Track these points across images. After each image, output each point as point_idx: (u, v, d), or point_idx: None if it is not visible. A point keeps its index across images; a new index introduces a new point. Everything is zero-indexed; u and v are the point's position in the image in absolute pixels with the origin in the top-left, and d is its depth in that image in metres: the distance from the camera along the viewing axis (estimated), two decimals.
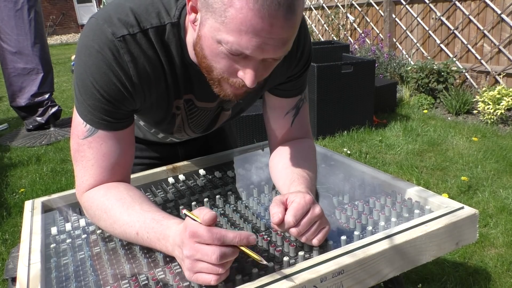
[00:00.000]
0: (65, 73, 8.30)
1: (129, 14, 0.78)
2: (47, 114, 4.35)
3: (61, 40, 15.83)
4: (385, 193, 0.96)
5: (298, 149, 1.00)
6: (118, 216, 0.79)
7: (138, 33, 0.78)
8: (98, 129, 0.83)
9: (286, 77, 0.98)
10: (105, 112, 0.81)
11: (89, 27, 0.79)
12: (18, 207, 2.76)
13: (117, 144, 0.85)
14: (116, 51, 0.77)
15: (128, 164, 0.90)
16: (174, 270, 0.74)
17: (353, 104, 3.64)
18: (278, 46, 0.69)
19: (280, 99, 1.02)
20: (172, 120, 0.97)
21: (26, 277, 0.73)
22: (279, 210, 0.74)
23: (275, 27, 0.66)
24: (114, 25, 0.77)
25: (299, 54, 0.94)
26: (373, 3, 5.63)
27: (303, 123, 1.06)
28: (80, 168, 0.86)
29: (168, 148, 1.26)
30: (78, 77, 0.81)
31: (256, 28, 0.65)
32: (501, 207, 2.38)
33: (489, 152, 3.14)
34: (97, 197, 0.83)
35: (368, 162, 3.14)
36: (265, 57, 0.71)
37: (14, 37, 4.05)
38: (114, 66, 0.78)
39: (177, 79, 0.87)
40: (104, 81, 0.78)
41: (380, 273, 0.73)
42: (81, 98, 0.81)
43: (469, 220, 0.82)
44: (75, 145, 0.85)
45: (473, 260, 1.98)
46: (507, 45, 4.04)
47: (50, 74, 4.35)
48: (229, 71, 0.75)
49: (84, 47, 0.79)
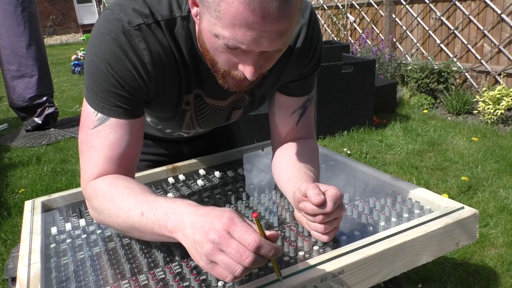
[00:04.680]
0: (65, 73, 8.30)
1: (143, 6, 0.79)
2: (43, 115, 4.34)
3: (61, 40, 15.84)
4: (385, 193, 0.96)
5: (303, 148, 1.00)
6: (124, 203, 0.75)
7: (152, 24, 0.79)
8: (109, 117, 0.82)
9: (297, 75, 0.97)
10: (119, 98, 0.81)
11: (105, 17, 0.80)
12: (18, 207, 2.76)
13: (126, 134, 0.84)
14: (131, 39, 0.78)
15: (134, 158, 0.88)
16: (174, 270, 0.74)
17: (353, 104, 3.64)
18: (274, 39, 0.68)
19: (288, 98, 1.01)
20: (181, 117, 0.96)
21: (26, 277, 0.73)
22: (320, 193, 0.73)
23: (268, 19, 0.64)
24: (129, 14, 0.78)
25: (311, 52, 0.94)
26: (373, 3, 5.63)
27: (308, 123, 1.05)
28: (85, 159, 0.84)
29: (174, 146, 1.25)
30: (91, 64, 0.80)
31: (248, 22, 0.64)
32: (501, 207, 2.37)
33: (489, 152, 3.14)
34: (103, 186, 0.81)
35: (368, 162, 3.14)
36: (262, 50, 0.70)
37: (9, 39, 4.04)
38: (130, 53, 0.78)
39: (188, 72, 0.87)
40: (119, 67, 0.78)
41: (380, 273, 0.73)
42: (94, 87, 0.81)
43: (469, 220, 0.82)
44: (83, 136, 0.84)
45: (473, 260, 1.98)
46: (507, 45, 4.04)
47: (46, 76, 4.33)
48: (229, 64, 0.75)
49: (99, 35, 0.79)
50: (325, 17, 6.80)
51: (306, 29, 0.91)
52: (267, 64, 0.77)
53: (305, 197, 0.76)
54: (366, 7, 5.86)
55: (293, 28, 0.71)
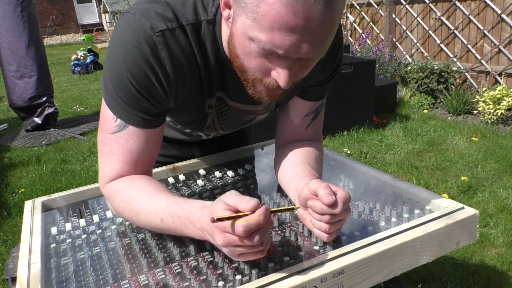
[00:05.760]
0: (65, 73, 8.30)
1: (167, 9, 0.76)
2: (43, 115, 4.35)
3: (61, 40, 15.85)
4: (385, 193, 0.96)
5: (309, 149, 0.99)
6: (142, 207, 0.79)
7: (176, 28, 0.76)
8: (129, 125, 0.81)
9: (317, 81, 0.95)
10: (140, 108, 0.80)
11: (126, 22, 0.77)
12: (18, 207, 2.76)
13: (145, 142, 0.84)
14: (154, 46, 0.75)
15: (151, 162, 0.90)
16: (174, 270, 0.74)
17: (353, 104, 3.64)
18: (315, 44, 0.65)
19: (304, 101, 0.99)
20: (204, 119, 0.95)
21: (26, 277, 0.73)
22: (332, 193, 0.72)
23: (311, 23, 0.61)
24: (152, 19, 0.75)
25: (334, 58, 0.92)
26: (373, 3, 5.63)
27: (317, 127, 1.04)
28: (104, 160, 0.86)
29: (185, 147, 1.24)
30: (113, 72, 0.78)
31: (289, 25, 0.61)
32: (501, 207, 2.38)
33: (489, 152, 3.14)
34: (120, 189, 0.84)
35: (368, 162, 3.14)
36: (300, 56, 0.67)
37: (8, 39, 4.05)
38: (152, 62, 0.76)
39: (211, 77, 0.84)
40: (141, 77, 0.77)
41: (380, 273, 0.73)
42: (114, 94, 0.80)
43: (469, 220, 0.82)
44: (103, 138, 0.85)
45: (473, 260, 1.98)
46: (507, 45, 4.04)
47: (46, 77, 4.33)
48: (262, 70, 0.71)
49: (120, 41, 0.76)
50: None
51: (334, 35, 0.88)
52: (302, 73, 0.73)
53: (314, 195, 0.74)
54: (366, 7, 5.86)
55: (333, 35, 0.67)
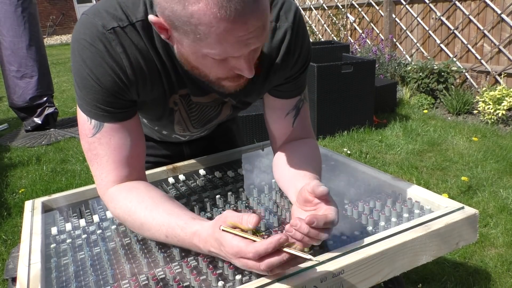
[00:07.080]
0: (65, 73, 8.30)
1: (117, 8, 0.79)
2: (43, 115, 4.34)
3: (61, 40, 15.83)
4: (385, 193, 0.96)
5: (303, 149, 1.00)
6: (143, 220, 0.80)
7: (128, 26, 0.78)
8: (104, 123, 0.83)
9: (284, 79, 0.97)
10: (107, 103, 0.81)
11: (80, 23, 0.80)
12: (18, 207, 2.76)
13: (127, 135, 0.85)
14: (107, 43, 0.77)
15: (141, 154, 0.91)
16: (174, 270, 0.74)
17: (353, 104, 3.64)
18: (259, 34, 0.69)
19: (280, 100, 1.01)
20: (170, 115, 0.96)
21: (26, 277, 0.73)
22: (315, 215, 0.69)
23: (250, 23, 0.66)
24: (103, 18, 0.78)
25: (296, 56, 0.93)
26: (373, 3, 5.63)
27: (304, 124, 1.05)
28: (96, 167, 0.86)
29: (174, 147, 1.26)
30: (75, 72, 0.81)
31: (233, 33, 0.65)
32: (501, 207, 2.38)
33: (489, 152, 3.14)
34: (120, 199, 0.84)
35: (368, 162, 3.14)
36: (252, 48, 0.71)
37: (9, 39, 4.05)
38: (107, 57, 0.78)
39: (169, 74, 0.86)
40: (100, 73, 0.79)
41: (380, 273, 0.73)
42: (81, 94, 0.82)
43: (469, 220, 0.82)
44: (86, 144, 0.86)
45: (473, 260, 1.98)
46: (507, 45, 4.04)
47: (46, 77, 4.33)
48: (224, 72, 0.76)
49: (76, 42, 0.80)
50: (325, 17, 6.80)
51: (291, 32, 0.88)
52: (256, 54, 0.78)
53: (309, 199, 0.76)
54: (366, 7, 5.86)
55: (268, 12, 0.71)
